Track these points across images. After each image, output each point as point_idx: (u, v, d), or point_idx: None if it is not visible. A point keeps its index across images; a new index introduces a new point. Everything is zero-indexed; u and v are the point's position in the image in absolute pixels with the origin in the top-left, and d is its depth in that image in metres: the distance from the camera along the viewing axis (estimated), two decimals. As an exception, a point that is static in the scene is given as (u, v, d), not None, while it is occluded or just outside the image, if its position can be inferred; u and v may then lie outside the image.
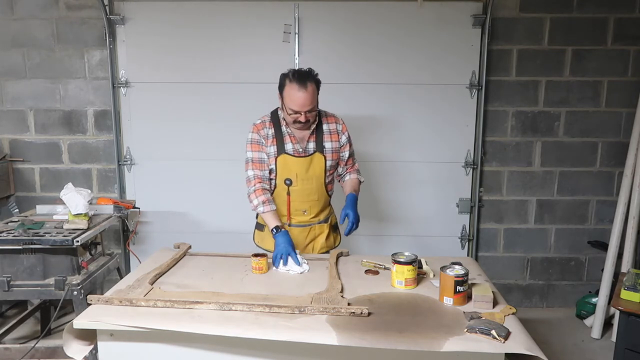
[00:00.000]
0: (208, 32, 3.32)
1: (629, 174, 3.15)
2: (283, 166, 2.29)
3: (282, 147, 2.28)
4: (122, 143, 3.47)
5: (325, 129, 2.34)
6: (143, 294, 1.76)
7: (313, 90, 2.17)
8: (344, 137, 2.38)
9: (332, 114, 2.40)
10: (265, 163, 2.30)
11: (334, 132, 2.35)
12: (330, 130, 2.34)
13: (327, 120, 2.36)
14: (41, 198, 3.45)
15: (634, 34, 3.30)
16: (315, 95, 2.20)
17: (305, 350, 1.57)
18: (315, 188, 2.34)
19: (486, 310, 1.67)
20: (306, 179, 2.31)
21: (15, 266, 2.44)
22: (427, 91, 3.36)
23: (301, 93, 2.13)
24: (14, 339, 3.03)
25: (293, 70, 2.21)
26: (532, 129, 3.44)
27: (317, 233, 2.43)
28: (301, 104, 2.14)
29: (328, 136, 2.33)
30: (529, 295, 3.65)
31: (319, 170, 2.32)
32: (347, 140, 2.39)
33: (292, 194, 2.31)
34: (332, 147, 2.33)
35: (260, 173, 2.30)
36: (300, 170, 2.29)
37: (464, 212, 3.52)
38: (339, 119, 2.39)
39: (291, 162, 2.28)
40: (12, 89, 3.41)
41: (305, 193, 2.33)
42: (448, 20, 3.28)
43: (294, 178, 2.28)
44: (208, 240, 3.33)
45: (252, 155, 2.30)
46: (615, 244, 3.20)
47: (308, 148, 2.30)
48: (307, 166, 2.29)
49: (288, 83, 2.17)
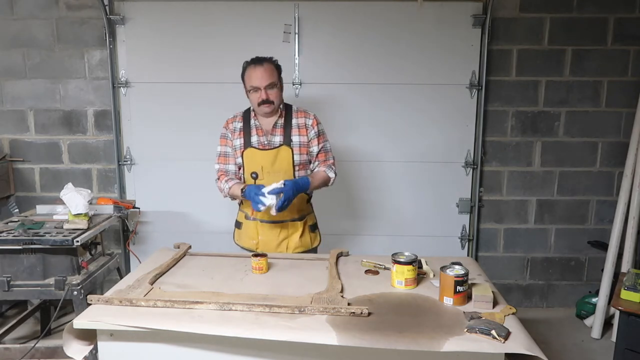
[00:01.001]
0: (208, 32, 3.32)
1: (629, 174, 3.15)
2: (249, 159, 2.32)
3: (249, 140, 2.33)
4: (122, 143, 3.47)
5: (294, 123, 2.36)
6: (143, 294, 1.76)
7: (271, 68, 2.26)
8: (312, 131, 2.38)
9: (303, 110, 2.42)
10: (229, 157, 2.40)
11: (303, 127, 2.36)
12: (299, 125, 2.36)
13: (297, 115, 2.38)
14: (41, 198, 3.46)
15: (634, 34, 3.30)
16: (274, 73, 2.27)
17: (305, 350, 1.57)
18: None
19: (486, 310, 1.67)
20: (272, 172, 2.30)
21: (15, 266, 2.44)
22: (427, 91, 3.36)
23: (258, 68, 2.24)
24: (14, 339, 3.03)
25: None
26: (532, 129, 3.44)
27: (291, 232, 2.40)
28: (259, 77, 2.22)
29: (296, 130, 2.35)
30: (529, 295, 3.65)
31: (286, 164, 2.31)
32: (316, 134, 2.38)
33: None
34: (299, 141, 2.34)
35: (224, 167, 2.42)
36: (265, 163, 2.30)
37: (464, 212, 3.52)
38: (309, 114, 2.40)
39: (257, 155, 2.31)
40: (12, 89, 3.41)
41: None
42: (448, 20, 3.28)
43: (260, 171, 2.30)
44: (208, 240, 3.33)
45: (219, 150, 2.43)
46: (615, 244, 3.20)
47: (274, 141, 2.32)
48: (273, 159, 2.30)
49: (247, 66, 2.29)
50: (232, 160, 2.40)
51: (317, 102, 3.36)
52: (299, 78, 3.35)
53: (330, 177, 2.41)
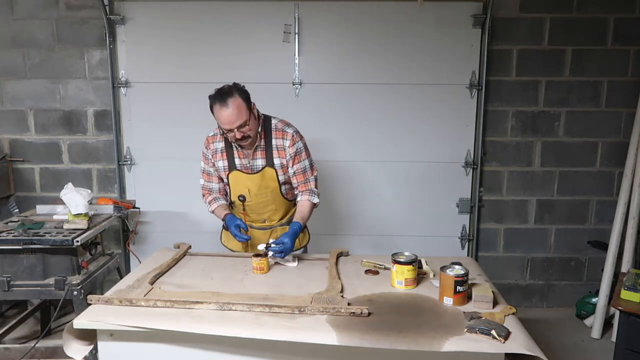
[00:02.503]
0: (208, 32, 3.32)
1: (629, 174, 3.15)
2: (235, 182, 2.32)
3: (233, 163, 2.30)
4: (122, 143, 3.47)
5: (274, 144, 2.26)
6: (143, 294, 1.76)
7: (238, 104, 2.09)
8: (289, 153, 2.26)
9: (282, 128, 2.27)
10: (212, 175, 2.39)
11: (281, 148, 2.26)
12: (277, 146, 2.26)
13: (275, 134, 2.27)
14: (41, 198, 3.45)
15: (634, 34, 3.30)
16: (243, 109, 2.10)
17: (305, 350, 1.57)
18: (272, 199, 2.34)
19: (486, 310, 1.67)
20: (259, 194, 2.31)
21: (15, 266, 2.44)
22: (427, 91, 3.36)
23: (224, 111, 2.09)
24: (14, 339, 3.03)
25: (216, 90, 2.16)
26: (532, 129, 3.44)
27: (279, 233, 2.38)
28: (228, 121, 2.09)
29: (276, 152, 2.26)
30: (529, 295, 3.65)
31: (272, 184, 2.29)
32: (291, 156, 2.26)
33: (247, 208, 2.35)
34: (280, 163, 2.28)
35: (207, 184, 2.43)
36: (252, 186, 2.29)
37: (464, 212, 3.52)
38: (287, 133, 2.26)
39: (243, 178, 2.29)
40: (12, 89, 3.41)
41: (261, 206, 2.35)
42: (448, 20, 3.28)
43: (247, 194, 2.30)
44: (208, 240, 3.33)
45: (202, 166, 2.43)
46: (615, 244, 3.20)
47: (255, 165, 2.27)
48: (259, 182, 2.28)
49: (213, 105, 2.13)
50: (214, 179, 2.39)
51: (317, 102, 3.36)
52: (299, 78, 3.35)
53: (314, 203, 2.32)
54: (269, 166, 2.26)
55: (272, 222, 2.40)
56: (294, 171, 2.29)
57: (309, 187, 2.32)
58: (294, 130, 2.29)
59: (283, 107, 3.12)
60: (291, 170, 2.29)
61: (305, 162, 2.31)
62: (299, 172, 2.29)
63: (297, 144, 2.27)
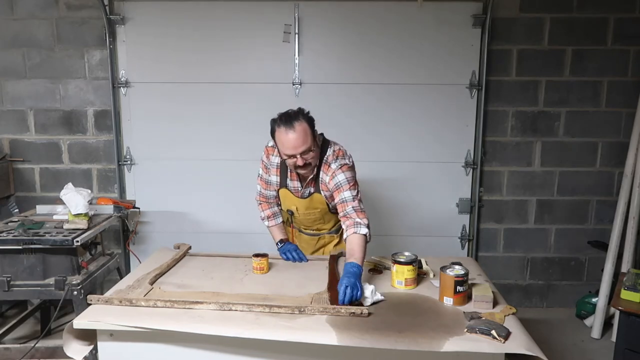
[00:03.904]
0: (208, 32, 3.32)
1: (629, 174, 3.15)
2: (284, 198, 2.32)
3: (285, 181, 2.27)
4: (122, 143, 3.47)
5: (321, 178, 2.19)
6: (143, 294, 1.76)
7: (304, 129, 2.01)
8: (331, 184, 2.14)
9: (330, 162, 2.15)
10: (270, 184, 2.33)
11: (324, 183, 2.19)
12: (321, 180, 2.19)
13: (324, 167, 2.17)
14: (41, 198, 3.45)
15: (634, 34, 3.30)
16: (308, 134, 2.02)
17: (305, 350, 1.57)
18: (320, 217, 2.34)
19: (486, 310, 1.68)
20: (307, 213, 2.32)
21: (15, 266, 2.44)
22: (427, 91, 3.36)
23: (290, 134, 1.99)
24: (14, 339, 3.03)
25: (280, 114, 2.08)
26: (532, 129, 3.44)
27: (327, 241, 2.45)
28: (292, 145, 2.00)
29: (323, 185, 2.20)
30: (529, 295, 3.65)
31: (320, 206, 2.28)
32: (334, 188, 2.13)
33: (295, 221, 2.38)
34: (325, 195, 2.23)
35: (265, 192, 2.36)
36: (300, 206, 2.30)
37: (464, 212, 3.52)
38: (331, 169, 2.14)
39: (291, 198, 2.29)
40: (12, 89, 3.41)
41: (309, 221, 2.37)
42: (448, 20, 3.28)
43: (295, 211, 2.32)
44: (208, 240, 3.34)
45: (261, 173, 2.35)
46: (615, 244, 3.20)
47: (305, 192, 2.25)
48: (307, 204, 2.29)
49: (277, 128, 2.04)
50: (273, 188, 2.33)
51: (317, 102, 3.36)
52: (299, 78, 3.35)
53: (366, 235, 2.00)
54: (317, 192, 2.23)
55: (321, 230, 2.42)
56: (338, 201, 2.13)
57: (354, 219, 2.04)
58: (339, 164, 2.14)
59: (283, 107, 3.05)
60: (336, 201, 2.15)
61: (345, 194, 2.09)
62: (341, 202, 2.11)
63: (335, 178, 2.12)
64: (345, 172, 2.12)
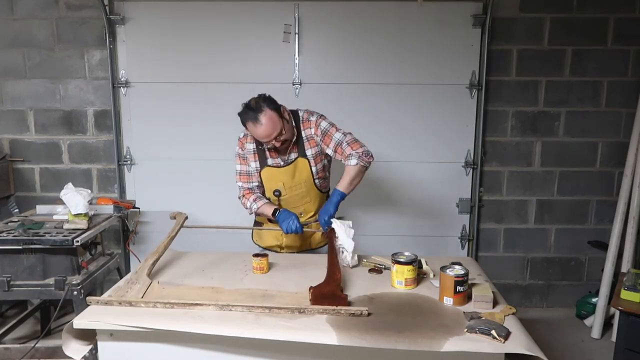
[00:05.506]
0: (208, 32, 3.32)
1: (629, 174, 3.15)
2: (268, 178, 2.33)
3: (265, 161, 2.31)
4: (122, 143, 3.47)
5: (304, 135, 2.29)
6: (142, 290, 1.76)
7: (270, 116, 2.10)
8: (317, 139, 2.28)
9: (307, 118, 2.29)
10: (252, 175, 2.37)
11: (310, 138, 2.29)
12: (307, 137, 2.29)
13: (303, 126, 2.29)
14: (41, 198, 3.45)
15: (634, 34, 3.30)
16: (276, 120, 2.12)
17: (305, 350, 1.57)
18: (306, 191, 2.35)
19: (486, 310, 1.67)
20: (294, 186, 2.32)
21: (15, 266, 2.44)
22: (427, 91, 3.36)
23: (259, 128, 2.11)
24: (14, 339, 3.03)
25: (244, 108, 2.15)
26: (532, 129, 3.44)
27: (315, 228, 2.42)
28: (265, 135, 2.13)
29: (307, 143, 2.29)
30: (529, 295, 3.65)
31: (305, 174, 2.31)
32: (322, 139, 2.27)
33: (282, 203, 2.35)
34: (313, 153, 2.30)
35: (247, 185, 2.38)
36: (286, 179, 2.30)
37: (464, 212, 3.52)
38: (311, 122, 2.28)
39: (275, 173, 2.31)
40: (12, 89, 3.41)
41: (297, 198, 2.36)
42: (448, 20, 3.28)
43: (282, 188, 2.31)
44: (208, 239, 3.33)
45: (240, 168, 2.39)
46: (615, 244, 3.20)
47: (289, 159, 2.30)
48: (292, 173, 2.30)
49: (246, 123, 2.16)
50: (254, 178, 2.36)
51: (316, 102, 3.35)
52: (299, 78, 3.35)
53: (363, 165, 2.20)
54: (302, 157, 2.28)
55: (307, 215, 2.40)
56: (332, 150, 2.25)
57: (355, 149, 2.21)
58: (317, 115, 2.31)
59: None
60: (329, 151, 2.27)
61: (336, 136, 2.24)
62: (336, 146, 2.24)
63: (320, 126, 2.26)
64: (325, 120, 2.30)
